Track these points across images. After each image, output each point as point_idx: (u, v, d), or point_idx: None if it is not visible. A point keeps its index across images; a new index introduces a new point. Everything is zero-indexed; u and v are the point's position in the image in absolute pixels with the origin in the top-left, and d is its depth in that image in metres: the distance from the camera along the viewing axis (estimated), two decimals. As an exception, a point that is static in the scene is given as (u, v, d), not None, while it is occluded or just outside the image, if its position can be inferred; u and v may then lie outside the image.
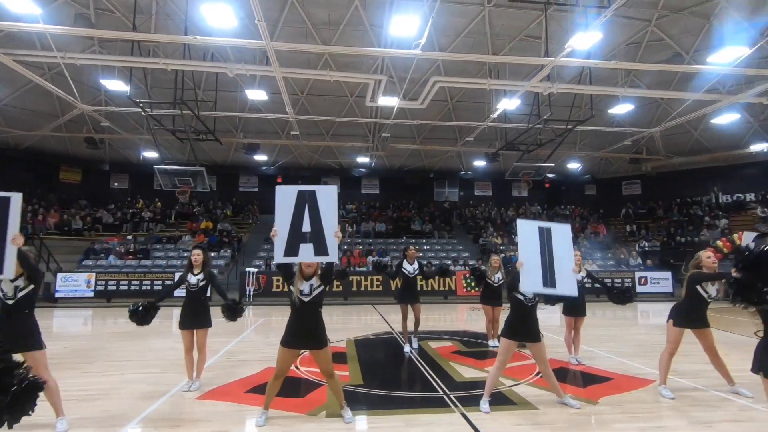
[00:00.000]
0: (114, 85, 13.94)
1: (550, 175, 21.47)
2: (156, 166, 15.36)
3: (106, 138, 19.37)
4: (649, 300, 15.08)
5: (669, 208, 22.44)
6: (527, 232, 4.21)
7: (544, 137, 16.91)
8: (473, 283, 14.82)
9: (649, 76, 16.43)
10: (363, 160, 22.28)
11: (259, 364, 5.98)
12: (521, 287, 4.10)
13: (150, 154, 19.56)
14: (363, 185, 25.07)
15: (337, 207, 4.05)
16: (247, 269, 14.66)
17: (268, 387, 3.97)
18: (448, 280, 15.86)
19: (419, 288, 7.26)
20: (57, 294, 13.91)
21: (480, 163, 22.24)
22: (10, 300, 3.51)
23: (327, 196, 3.93)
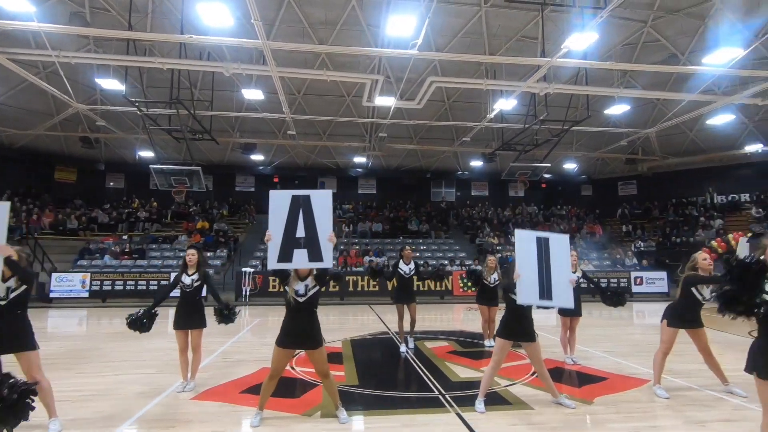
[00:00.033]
0: (109, 84, 13.86)
1: (546, 176, 21.55)
2: (152, 165, 15.29)
3: (101, 137, 19.29)
4: (645, 300, 15.14)
5: (665, 208, 22.54)
6: (525, 242, 4.22)
7: (540, 137, 16.96)
8: (470, 283, 14.85)
9: (645, 76, 16.49)
10: (360, 160, 22.27)
11: (255, 364, 5.97)
12: (518, 300, 4.12)
13: (146, 153, 19.49)
14: (360, 185, 25.07)
15: (332, 210, 4.03)
16: (244, 269, 14.63)
17: (263, 387, 3.97)
18: (444, 279, 15.89)
19: (415, 288, 7.26)
20: (51, 294, 13.83)
21: (477, 164, 22.30)
22: (2, 301, 3.49)
23: (322, 200, 3.90)
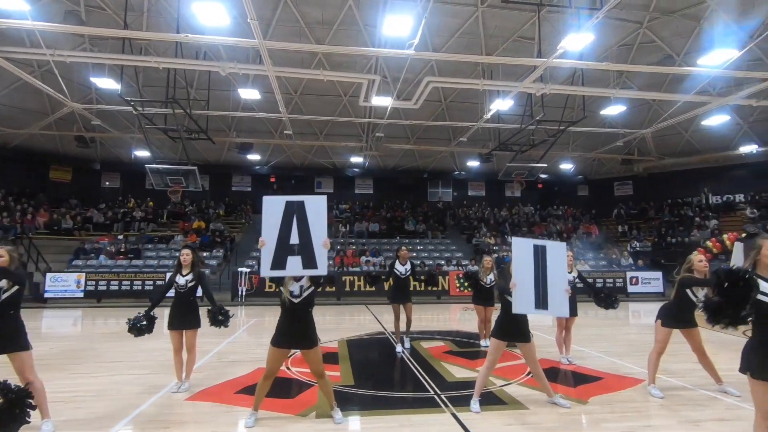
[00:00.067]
0: (105, 83, 13.79)
1: (543, 176, 21.62)
2: (148, 165, 15.23)
3: (97, 137, 19.18)
4: (640, 300, 15.21)
5: (660, 208, 22.63)
6: (522, 251, 4.21)
7: (536, 138, 16.98)
8: (466, 284, 14.86)
9: (641, 77, 16.56)
10: (356, 160, 22.25)
11: (250, 364, 5.95)
12: (513, 309, 4.11)
13: (142, 153, 19.41)
14: (357, 185, 25.03)
15: (329, 210, 4.02)
16: (240, 269, 14.59)
17: (257, 387, 3.95)
18: (441, 279, 15.92)
19: (412, 288, 7.25)
20: (46, 294, 13.75)
21: (473, 164, 22.33)
22: (-6, 301, 3.46)
23: (316, 206, 3.85)
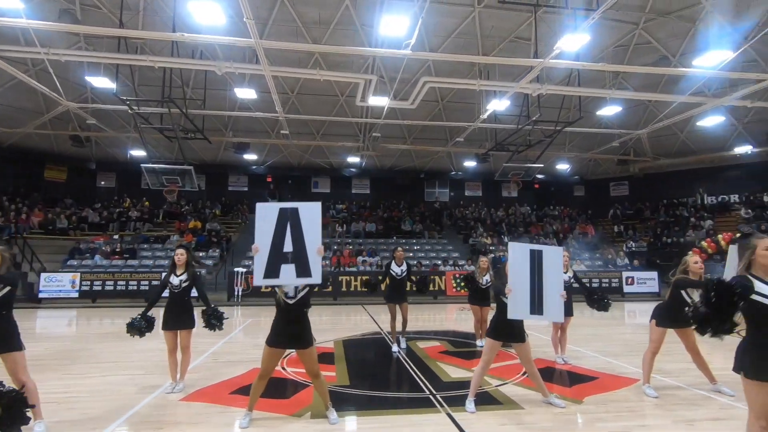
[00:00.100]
0: (100, 83, 13.71)
1: (539, 176, 21.64)
2: (143, 164, 15.15)
3: (92, 136, 19.09)
4: (636, 300, 15.26)
5: (656, 209, 22.73)
6: (518, 255, 4.20)
7: (533, 138, 17.02)
8: (462, 284, 14.89)
9: (637, 78, 16.63)
10: (353, 159, 22.22)
11: (246, 365, 5.92)
12: (508, 315, 4.10)
13: (138, 152, 19.31)
14: (353, 185, 25.02)
15: (326, 210, 4.00)
16: (236, 269, 14.55)
17: (252, 387, 3.94)
18: (437, 279, 15.94)
19: (408, 288, 7.22)
20: (40, 294, 13.67)
21: (470, 164, 22.35)
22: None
23: (310, 213, 3.81)
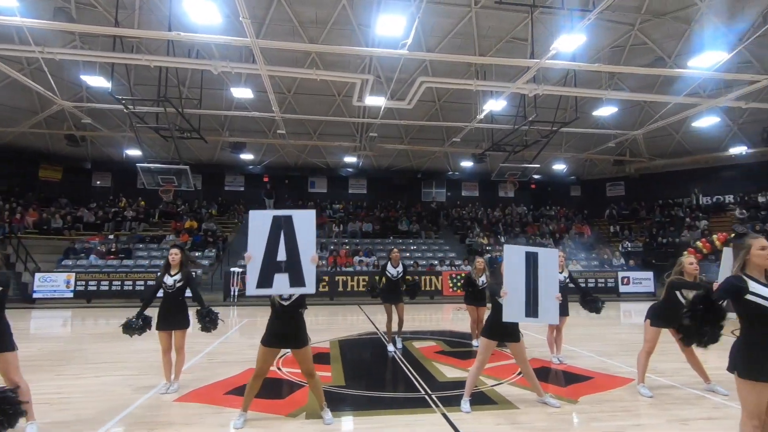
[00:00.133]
0: (95, 82, 13.64)
1: (536, 176, 21.67)
2: (139, 164, 15.09)
3: (87, 135, 18.97)
4: (632, 300, 15.33)
5: (651, 209, 22.81)
6: (514, 258, 4.19)
7: (529, 138, 17.04)
8: (459, 284, 14.94)
9: (633, 79, 16.68)
10: (350, 159, 22.19)
11: (241, 365, 5.90)
12: (503, 318, 4.09)
13: (133, 152, 19.20)
14: (350, 185, 24.98)
15: (323, 210, 3.98)
16: (232, 269, 14.51)
17: (247, 387, 3.93)
18: (434, 279, 15.96)
19: (404, 288, 7.21)
20: (35, 295, 13.59)
21: (467, 164, 22.37)
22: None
23: (304, 221, 3.77)
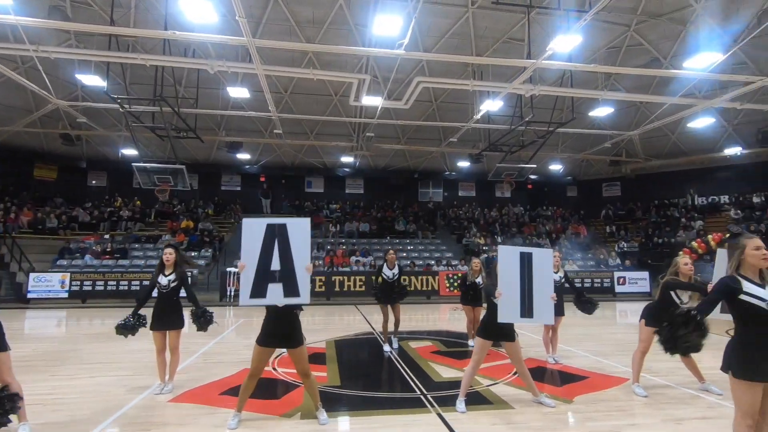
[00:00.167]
0: (91, 80, 13.57)
1: (532, 177, 21.73)
2: (135, 163, 15.02)
3: (83, 134, 18.87)
4: (628, 300, 15.38)
5: (647, 209, 22.89)
6: (508, 259, 4.19)
7: (526, 139, 17.07)
8: (455, 284, 14.96)
9: (629, 79, 16.74)
10: (347, 159, 22.17)
11: (237, 365, 5.88)
12: (498, 319, 4.09)
13: (129, 151, 19.11)
14: (347, 185, 24.94)
15: (320, 210, 3.95)
16: (228, 269, 14.46)
17: (242, 387, 3.91)
18: (431, 280, 15.96)
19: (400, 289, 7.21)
20: (29, 295, 13.52)
21: (464, 164, 22.39)
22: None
23: (299, 229, 3.74)
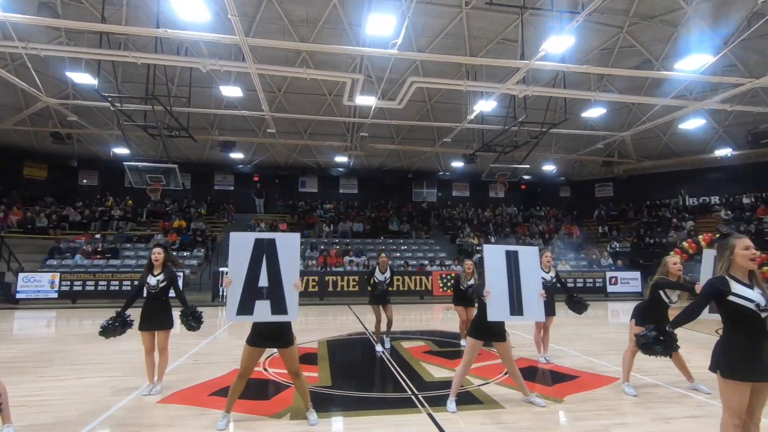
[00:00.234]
0: (81, 78, 13.41)
1: (526, 177, 21.80)
2: (126, 162, 14.88)
3: (74, 133, 18.69)
4: (619, 299, 15.48)
5: (639, 210, 23.08)
6: (494, 257, 4.17)
7: (519, 139, 17.13)
8: (449, 284, 14.98)
9: (621, 81, 16.85)
10: (341, 159, 22.12)
11: (227, 366, 5.84)
12: (488, 317, 4.08)
13: (121, 150, 18.91)
14: (341, 185, 24.91)
15: (314, 210, 3.92)
16: (221, 269, 14.37)
17: (231, 388, 3.88)
18: (424, 279, 15.95)
19: (394, 288, 7.22)
20: (18, 295, 13.35)
21: (458, 164, 22.43)
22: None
23: (288, 244, 3.69)
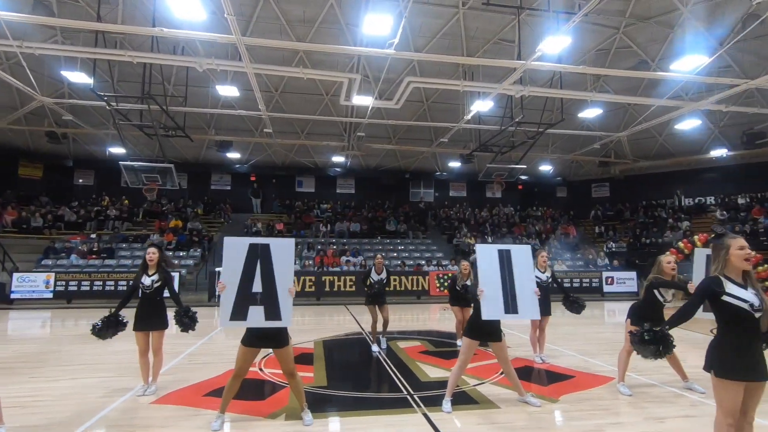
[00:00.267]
0: (77, 77, 13.35)
1: (522, 177, 21.85)
2: (122, 162, 14.81)
3: (69, 132, 18.60)
4: (615, 299, 15.52)
5: (635, 210, 23.15)
6: (487, 257, 4.16)
7: (516, 139, 17.15)
8: (445, 284, 14.96)
9: (617, 81, 16.90)
10: (338, 159, 22.10)
11: (222, 366, 5.80)
12: (483, 316, 4.06)
13: (117, 149, 18.83)
14: (338, 185, 24.87)
15: (311, 210, 3.91)
16: (217, 269, 14.29)
17: (226, 388, 3.87)
18: (421, 280, 15.96)
19: (391, 288, 7.23)
20: (12, 295, 13.26)
21: (455, 165, 22.46)
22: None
23: (282, 250, 3.68)
